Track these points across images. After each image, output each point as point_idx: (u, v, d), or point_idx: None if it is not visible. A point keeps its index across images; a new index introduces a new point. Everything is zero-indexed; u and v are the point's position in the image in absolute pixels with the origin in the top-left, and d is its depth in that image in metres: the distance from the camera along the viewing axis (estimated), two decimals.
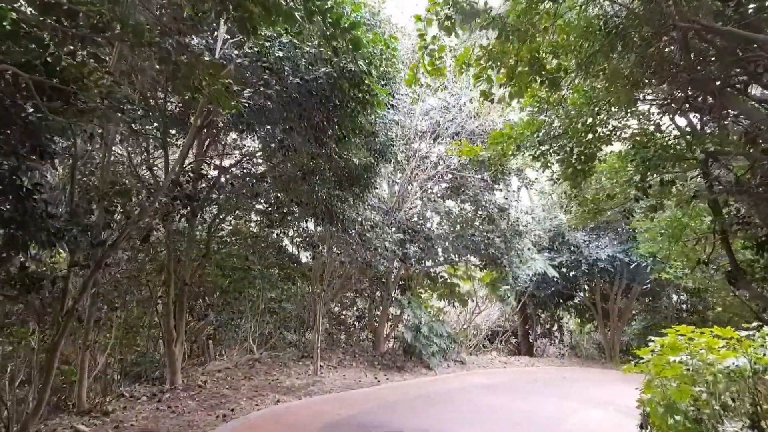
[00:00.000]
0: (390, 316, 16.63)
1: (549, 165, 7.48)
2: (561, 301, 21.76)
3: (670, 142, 6.24)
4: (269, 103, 7.10)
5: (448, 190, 16.01)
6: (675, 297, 21.70)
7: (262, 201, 10.17)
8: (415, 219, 15.21)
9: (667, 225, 9.45)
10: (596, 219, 7.99)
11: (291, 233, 13.29)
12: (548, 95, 6.54)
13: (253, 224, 13.49)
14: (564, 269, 18.73)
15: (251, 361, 13.35)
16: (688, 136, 6.25)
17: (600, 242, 18.17)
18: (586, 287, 21.42)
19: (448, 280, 18.14)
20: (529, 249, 16.21)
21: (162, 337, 10.59)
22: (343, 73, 7.14)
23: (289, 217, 10.46)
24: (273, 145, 8.28)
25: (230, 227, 12.77)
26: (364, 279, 15.56)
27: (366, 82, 7.33)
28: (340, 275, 14.37)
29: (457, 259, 16.47)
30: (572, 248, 18.28)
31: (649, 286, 19.93)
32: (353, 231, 10.58)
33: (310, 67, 7.13)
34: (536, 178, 16.20)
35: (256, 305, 15.20)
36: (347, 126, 8.51)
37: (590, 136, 7.00)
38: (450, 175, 15.52)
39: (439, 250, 15.87)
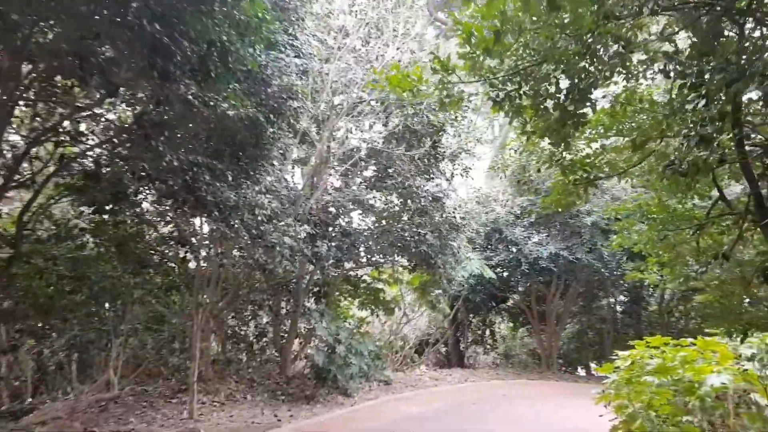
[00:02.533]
0: (302, 330, 13.61)
1: (521, 111, 4.85)
2: (494, 304, 19.65)
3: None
4: None
5: (372, 179, 13.24)
6: (611, 298, 20.34)
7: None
8: (331, 210, 12.28)
9: (649, 210, 7.19)
10: (584, 195, 5.47)
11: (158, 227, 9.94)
12: None
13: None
14: (500, 269, 16.52)
15: (103, 401, 9.82)
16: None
17: (539, 238, 16.09)
18: (521, 289, 19.42)
19: (372, 285, 15.35)
20: (465, 246, 13.77)
21: None
22: None
23: (127, 197, 7.10)
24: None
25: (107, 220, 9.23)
26: (267, 286, 12.45)
27: None
28: (231, 282, 11.16)
29: (382, 260, 13.73)
30: (510, 246, 16.09)
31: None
32: (236, 221, 7.48)
33: None
34: (473, 165, 13.77)
35: (123, 323, 11.71)
36: (211, 54, 5.47)
37: (588, 61, 4.44)
38: (374, 161, 12.74)
39: (361, 249, 13.05)
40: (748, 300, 6.71)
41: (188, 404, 9.45)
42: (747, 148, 4.61)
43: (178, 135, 6.25)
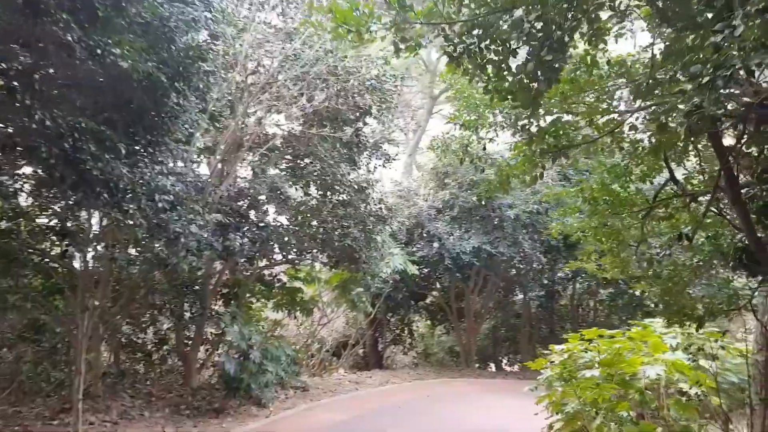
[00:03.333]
0: (209, 336, 12.25)
1: (484, 67, 4.20)
2: (414, 302, 19.22)
3: None
4: None
5: (290, 168, 12.19)
6: (528, 293, 20.62)
7: None
8: (244, 201, 11.08)
9: (592, 194, 6.88)
10: (540, 169, 4.91)
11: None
12: None
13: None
14: (422, 265, 16.06)
15: None
16: None
17: (461, 233, 15.80)
18: (439, 285, 19.14)
19: (288, 285, 14.23)
20: (388, 241, 13.10)
21: None
22: None
23: None
24: None
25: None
26: (169, 287, 10.98)
27: None
28: (126, 282, 9.65)
29: (299, 257, 12.69)
30: (433, 241, 15.67)
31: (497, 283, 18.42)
32: (132, 207, 6.21)
33: None
34: (397, 154, 13.14)
35: None
36: None
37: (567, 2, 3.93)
38: (291, 148, 11.67)
39: (275, 246, 11.94)
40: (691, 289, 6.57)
41: (72, 426, 7.91)
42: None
43: (55, 92, 4.93)
